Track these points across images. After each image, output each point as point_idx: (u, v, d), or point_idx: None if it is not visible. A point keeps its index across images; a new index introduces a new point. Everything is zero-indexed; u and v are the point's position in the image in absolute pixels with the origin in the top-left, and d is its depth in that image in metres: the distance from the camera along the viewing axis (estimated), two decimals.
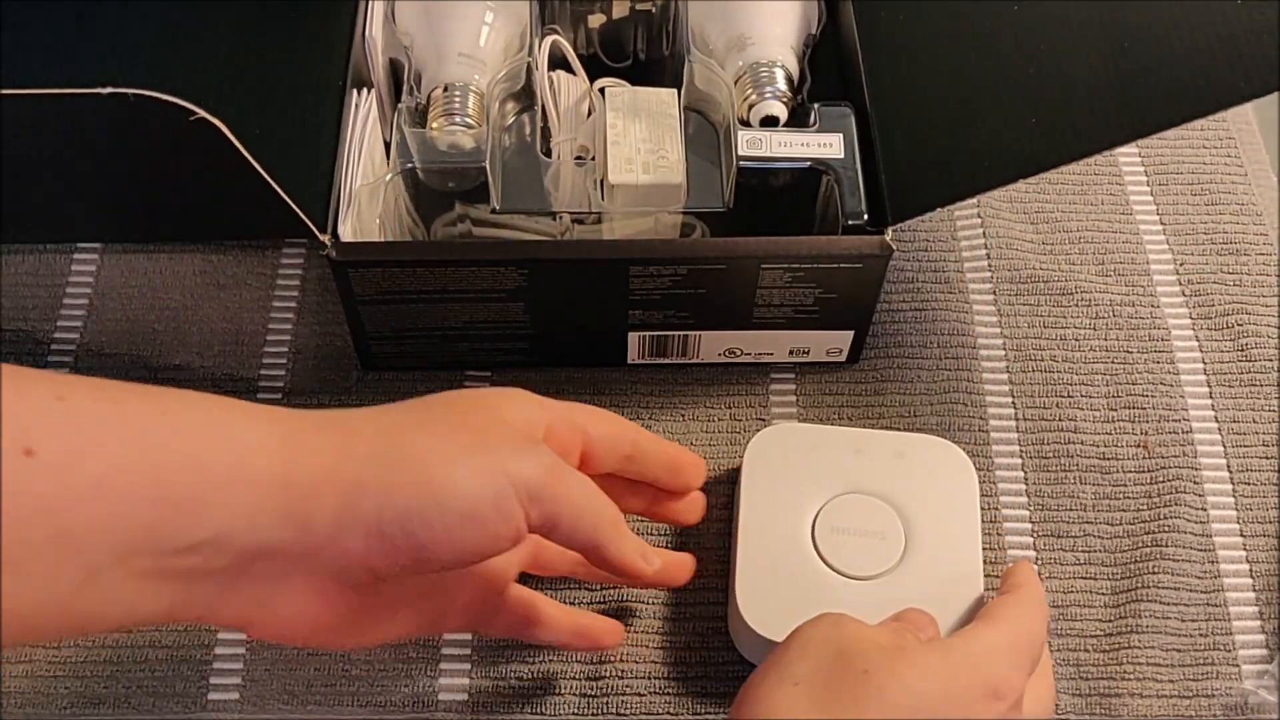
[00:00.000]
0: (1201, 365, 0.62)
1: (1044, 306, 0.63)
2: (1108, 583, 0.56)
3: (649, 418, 0.60)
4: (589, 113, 0.61)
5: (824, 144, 0.57)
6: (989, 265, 0.65)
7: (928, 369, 0.61)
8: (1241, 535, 0.57)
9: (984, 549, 0.54)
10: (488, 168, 0.57)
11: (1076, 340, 0.62)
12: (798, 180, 0.57)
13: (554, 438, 0.47)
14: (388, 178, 0.57)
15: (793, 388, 0.61)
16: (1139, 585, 0.55)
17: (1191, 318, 0.63)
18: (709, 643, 0.54)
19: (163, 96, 0.54)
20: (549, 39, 0.60)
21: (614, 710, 0.53)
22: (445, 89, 0.59)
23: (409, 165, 0.57)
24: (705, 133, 0.60)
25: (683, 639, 0.54)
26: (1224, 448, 0.59)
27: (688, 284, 0.56)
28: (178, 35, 0.59)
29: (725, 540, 0.57)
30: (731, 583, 0.53)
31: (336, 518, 0.40)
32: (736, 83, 0.60)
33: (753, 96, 0.59)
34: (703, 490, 0.54)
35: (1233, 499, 0.58)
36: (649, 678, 0.53)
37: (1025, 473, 0.59)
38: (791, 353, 0.60)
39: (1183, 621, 0.55)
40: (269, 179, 0.52)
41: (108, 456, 0.37)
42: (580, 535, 0.44)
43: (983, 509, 0.56)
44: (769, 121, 0.59)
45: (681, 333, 0.59)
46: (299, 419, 0.41)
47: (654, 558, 0.47)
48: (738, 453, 0.58)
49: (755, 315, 0.58)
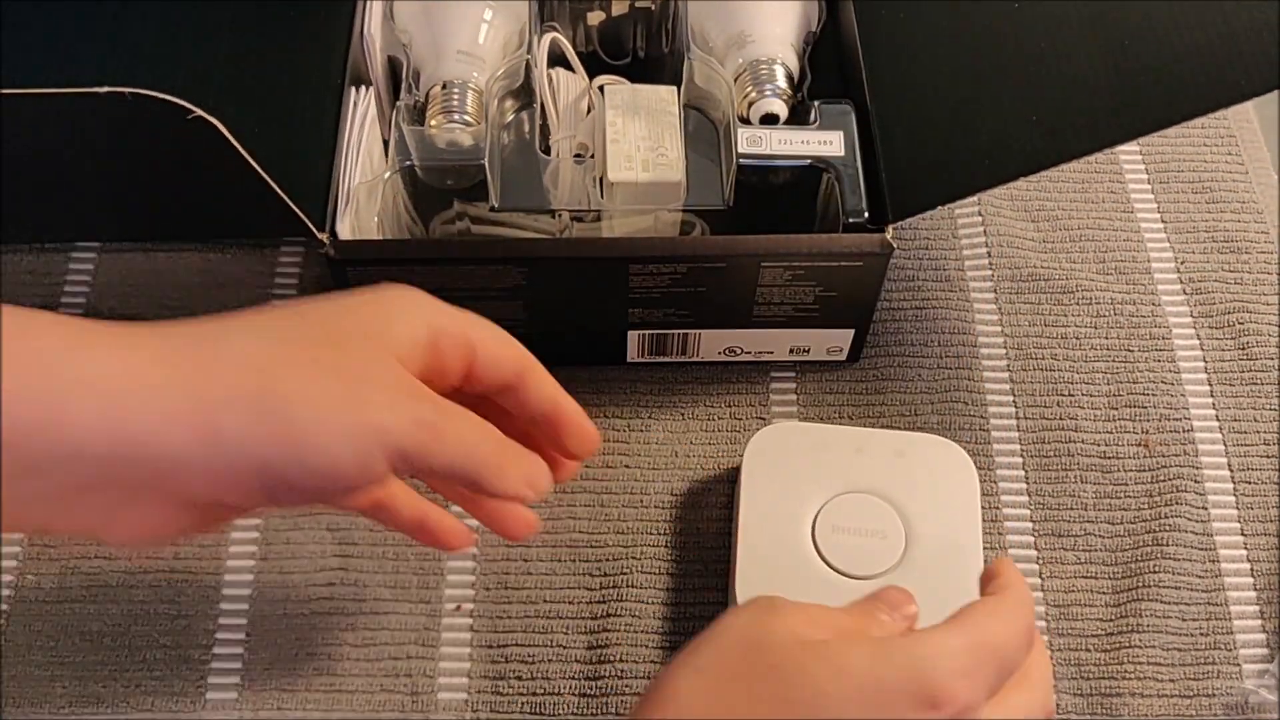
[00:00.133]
0: (1202, 364, 0.62)
1: (1045, 305, 0.63)
2: (1108, 582, 0.56)
3: (648, 416, 0.60)
4: (588, 110, 0.61)
5: (824, 142, 0.57)
6: (990, 263, 0.64)
7: (928, 368, 0.61)
8: (1242, 534, 0.57)
9: (984, 548, 0.54)
10: (486, 165, 0.56)
11: (1077, 339, 0.62)
12: (798, 178, 0.57)
13: (437, 354, 0.44)
14: (386, 176, 0.57)
15: (793, 386, 0.61)
16: (1140, 584, 0.55)
17: (1192, 316, 0.63)
18: None
19: (161, 96, 0.54)
20: (548, 36, 0.60)
21: (614, 710, 0.53)
22: (444, 86, 0.59)
23: (407, 163, 0.57)
24: (705, 130, 0.60)
25: (683, 639, 0.54)
26: (1225, 446, 0.59)
27: (687, 282, 0.55)
28: (177, 35, 0.59)
29: (725, 540, 0.57)
30: (731, 582, 0.53)
31: (186, 461, 0.38)
32: (736, 80, 0.60)
33: (753, 94, 0.59)
34: (702, 489, 0.53)
35: (1234, 498, 0.58)
36: (649, 678, 0.53)
37: (1026, 471, 0.59)
38: (792, 351, 0.60)
39: (1183, 621, 0.55)
40: (267, 178, 0.52)
41: None
42: (456, 481, 0.42)
43: (983, 508, 0.56)
44: (769, 119, 0.59)
45: (681, 331, 0.59)
46: (144, 346, 0.38)
47: (543, 480, 0.44)
48: (738, 452, 0.58)
49: (755, 314, 0.58)
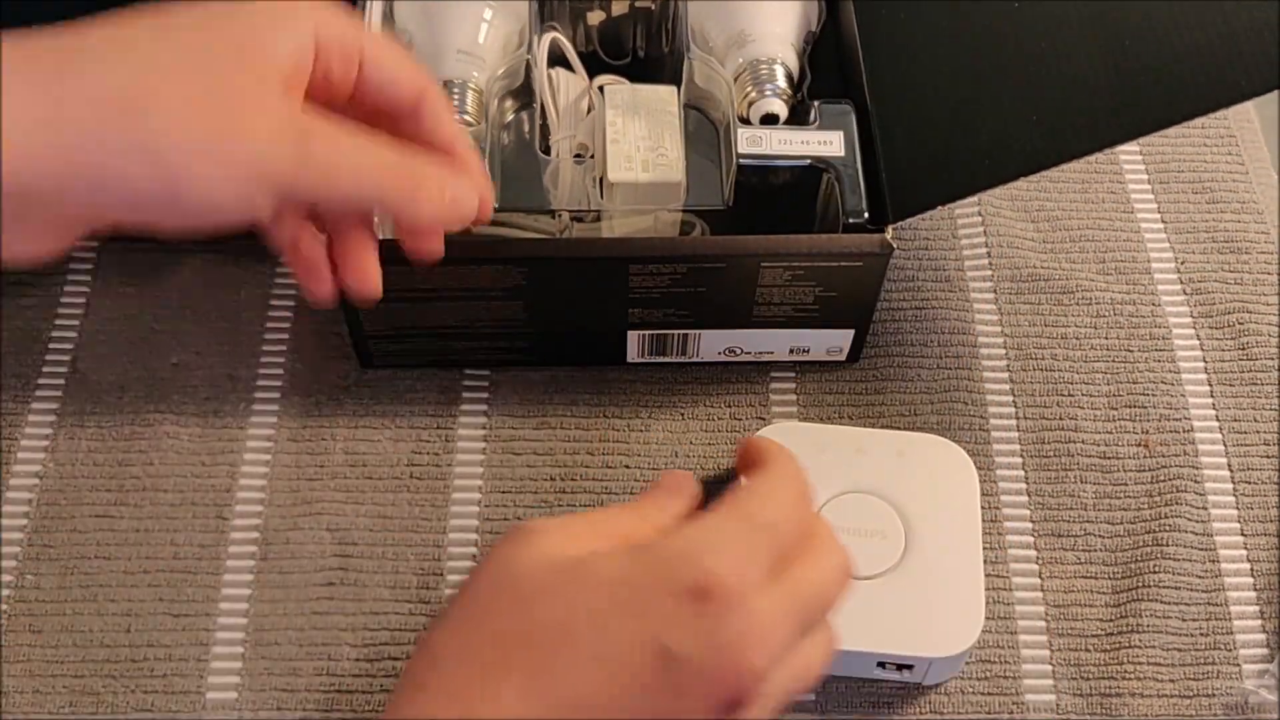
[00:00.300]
0: (1202, 364, 0.62)
1: (1045, 305, 0.63)
2: (1108, 582, 0.56)
3: (648, 417, 0.60)
4: (588, 110, 0.61)
5: (824, 142, 0.57)
6: (989, 264, 0.64)
7: (928, 368, 0.61)
8: (1242, 534, 0.57)
9: (984, 548, 0.54)
10: (486, 165, 0.56)
11: (1077, 339, 0.62)
12: (798, 178, 0.57)
13: (325, 67, 0.40)
14: None
15: (793, 387, 0.61)
16: (1140, 584, 0.55)
17: (1192, 316, 0.63)
18: None
19: None
20: (548, 36, 0.60)
21: None
22: (444, 86, 0.59)
23: None
24: (705, 130, 0.60)
25: None
26: (1225, 447, 0.59)
27: (687, 282, 0.55)
28: None
29: None
30: None
31: (61, 199, 0.36)
32: (736, 80, 0.60)
33: (753, 94, 0.59)
34: (701, 489, 0.53)
35: (1234, 498, 0.58)
36: None
37: (1026, 472, 0.59)
38: (792, 351, 0.60)
39: (1183, 621, 0.55)
40: None
41: None
42: (355, 212, 0.39)
43: (983, 508, 0.56)
44: (769, 119, 0.59)
45: (681, 331, 0.59)
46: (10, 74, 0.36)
47: (465, 194, 0.41)
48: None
49: (755, 314, 0.58)
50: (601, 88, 0.60)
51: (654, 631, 0.38)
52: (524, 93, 0.60)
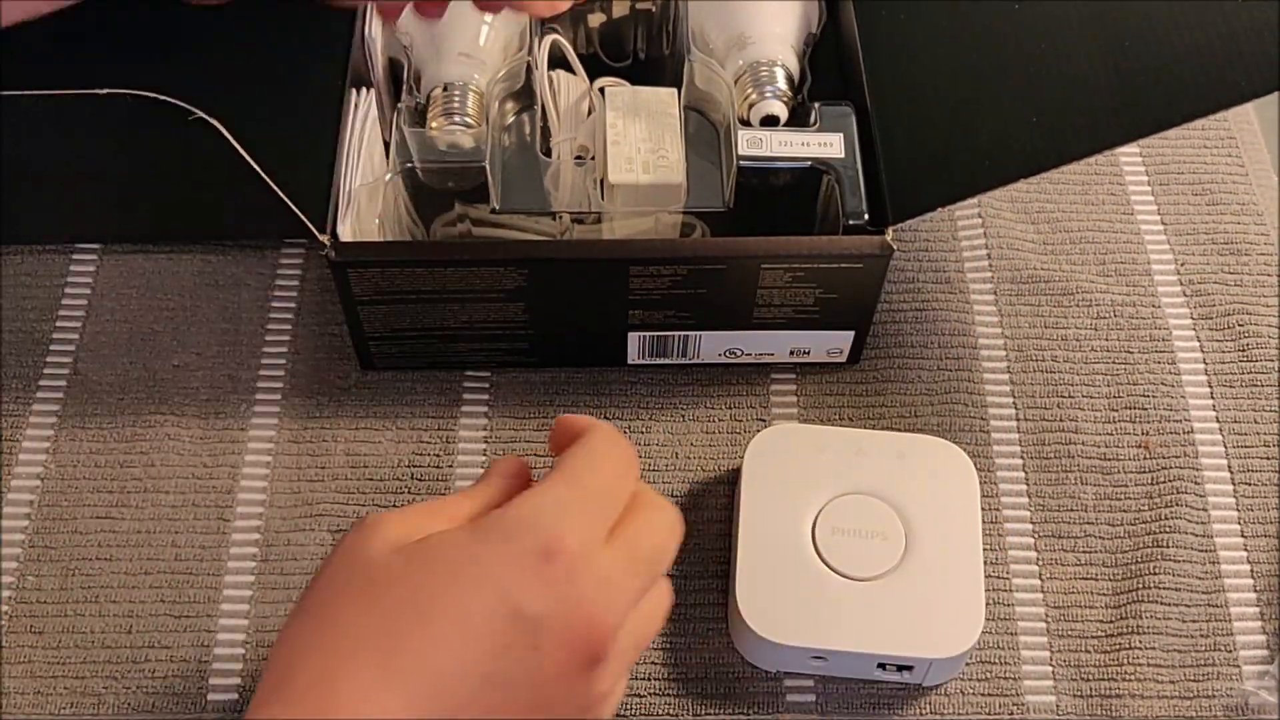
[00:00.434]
0: (1202, 365, 0.62)
1: (1045, 307, 0.63)
2: (1108, 583, 0.56)
3: (649, 418, 0.60)
4: (589, 112, 0.61)
5: (824, 143, 0.57)
6: (990, 265, 0.64)
7: (928, 369, 0.61)
8: (1242, 536, 0.57)
9: (984, 549, 0.54)
10: (487, 167, 0.57)
11: (1077, 340, 0.62)
12: (798, 180, 0.57)
13: None
14: (387, 177, 0.57)
15: (793, 388, 0.61)
16: (1140, 586, 0.55)
17: (1192, 318, 0.63)
18: (709, 643, 0.54)
19: (162, 97, 0.54)
20: (548, 38, 0.60)
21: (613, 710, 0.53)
22: (445, 88, 0.59)
23: (408, 165, 0.57)
24: (705, 132, 0.60)
25: (683, 639, 0.54)
26: (1225, 448, 0.59)
27: (688, 284, 0.55)
28: (177, 35, 0.59)
29: (725, 540, 0.57)
30: (731, 583, 0.53)
31: None
32: (737, 82, 0.60)
33: (753, 96, 0.59)
34: (702, 490, 0.54)
35: (1234, 499, 0.58)
36: (649, 678, 0.53)
37: (1026, 473, 0.59)
38: (792, 353, 0.60)
39: (1183, 622, 0.55)
40: (268, 179, 0.52)
41: None
42: None
43: (983, 509, 0.56)
44: (769, 121, 0.59)
45: (682, 333, 0.59)
46: None
47: None
48: (738, 453, 0.58)
49: (755, 315, 0.58)
50: (602, 90, 0.60)
51: (505, 596, 0.39)
52: (525, 95, 0.60)
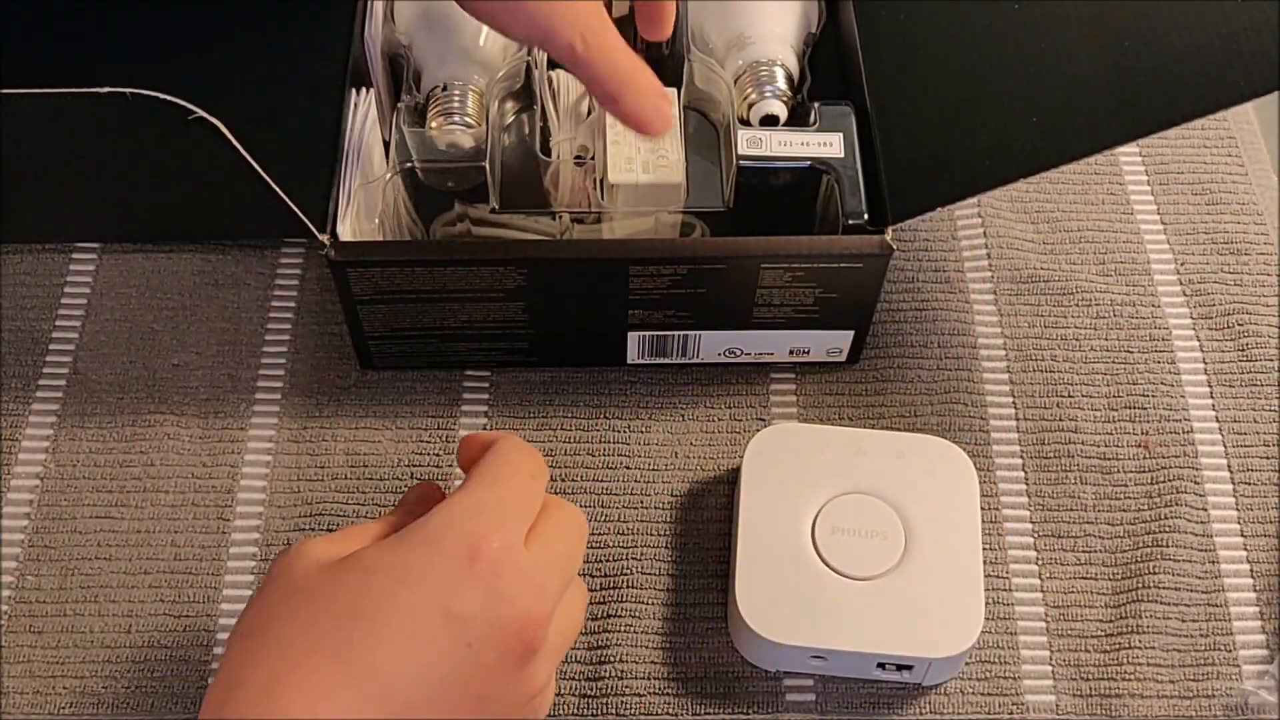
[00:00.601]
0: (1202, 365, 0.62)
1: (1044, 306, 0.63)
2: (1108, 583, 0.56)
3: (649, 418, 0.60)
4: (588, 112, 0.61)
5: (824, 143, 0.57)
6: (989, 265, 0.64)
7: (928, 369, 0.61)
8: (1242, 535, 0.57)
9: (984, 549, 0.54)
10: (487, 167, 0.57)
11: (1077, 340, 0.62)
12: (798, 180, 0.57)
13: None
14: (387, 177, 0.57)
15: (793, 388, 0.61)
16: (1139, 585, 0.55)
17: (1192, 318, 0.63)
18: (709, 643, 0.54)
19: (161, 96, 0.54)
20: None
21: (614, 710, 0.53)
22: (444, 88, 0.59)
23: (408, 165, 0.57)
24: (705, 132, 0.60)
25: (683, 639, 0.54)
26: (1225, 448, 0.59)
27: (688, 284, 0.55)
28: (177, 35, 0.59)
29: (725, 540, 0.57)
30: (731, 583, 0.53)
31: None
32: (736, 82, 0.60)
33: (752, 95, 0.59)
34: (702, 490, 0.54)
35: (1233, 499, 0.58)
36: (649, 678, 0.53)
37: (1026, 473, 0.59)
38: (791, 353, 0.60)
39: (1183, 622, 0.55)
40: (267, 179, 0.52)
41: None
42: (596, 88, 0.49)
43: (983, 509, 0.56)
44: (769, 121, 0.59)
45: (681, 332, 0.59)
46: None
47: (667, 113, 0.50)
48: (738, 453, 0.58)
49: (755, 315, 0.58)
50: None
51: (437, 598, 0.40)
52: (524, 95, 0.60)
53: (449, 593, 0.41)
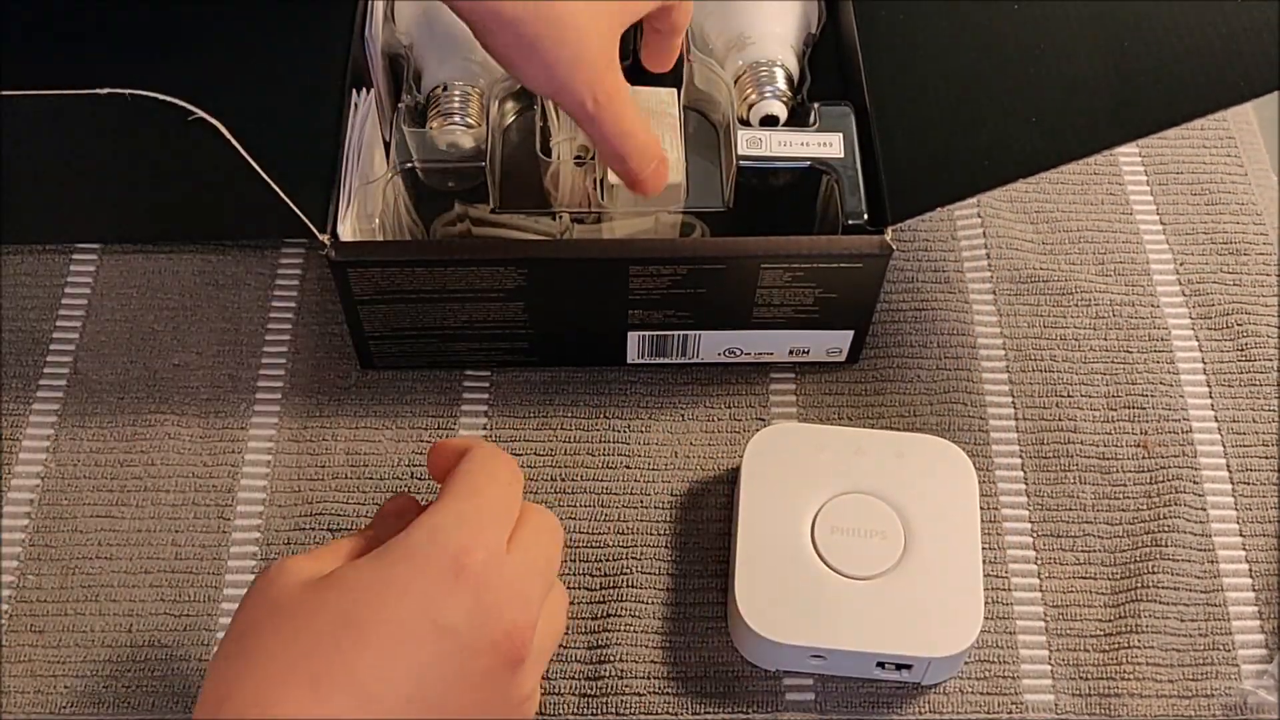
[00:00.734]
0: (1201, 365, 0.62)
1: (1044, 306, 0.63)
2: (1107, 582, 0.56)
3: (648, 417, 0.60)
4: None
5: (824, 143, 0.57)
6: (989, 265, 0.65)
7: (928, 369, 0.61)
8: (1241, 535, 0.57)
9: (984, 549, 0.54)
10: (487, 167, 0.57)
11: (1076, 340, 0.62)
12: (798, 180, 0.57)
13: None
14: (387, 177, 0.57)
15: (793, 387, 0.61)
16: (1138, 585, 0.55)
17: (1191, 318, 0.63)
18: (709, 643, 0.54)
19: (161, 96, 0.54)
20: None
21: (614, 710, 0.53)
22: (445, 88, 0.59)
23: (408, 165, 0.57)
24: (705, 132, 0.60)
25: (683, 639, 0.54)
26: (1224, 448, 0.59)
27: (687, 284, 0.56)
28: (177, 35, 0.59)
29: (725, 540, 0.57)
30: (731, 583, 0.53)
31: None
32: (736, 82, 0.60)
33: (752, 96, 0.59)
34: (702, 490, 0.53)
35: (1232, 499, 0.58)
36: (649, 678, 0.53)
37: (1025, 473, 0.59)
38: (791, 352, 0.60)
39: (1182, 621, 0.55)
40: (268, 179, 0.52)
41: None
42: (606, 151, 0.52)
43: (982, 509, 0.56)
44: (769, 121, 0.59)
45: (681, 332, 0.59)
46: None
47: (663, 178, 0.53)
48: (737, 453, 0.58)
49: (755, 315, 0.58)
50: None
51: (423, 612, 0.40)
52: (525, 95, 0.60)
53: (434, 606, 0.40)
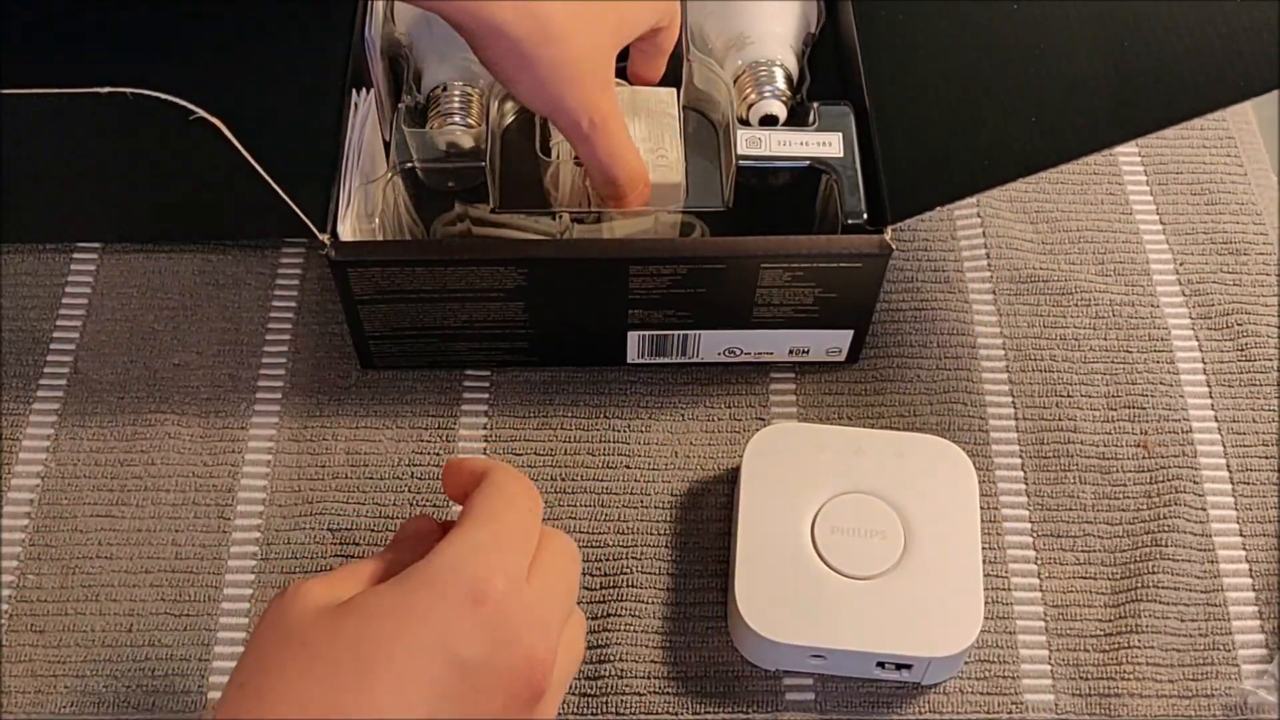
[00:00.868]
0: (1201, 365, 0.62)
1: (1044, 306, 0.63)
2: (1107, 582, 0.56)
3: (648, 417, 0.60)
4: None
5: (823, 143, 0.57)
6: (988, 265, 0.65)
7: (927, 369, 0.61)
8: (1241, 535, 0.57)
9: (984, 549, 0.54)
10: (487, 167, 0.57)
11: (1076, 340, 0.62)
12: (797, 180, 0.57)
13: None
14: (387, 177, 0.57)
15: (792, 387, 0.61)
16: (1138, 585, 0.55)
17: (1191, 317, 0.63)
18: (709, 643, 0.54)
19: (162, 96, 0.54)
20: None
21: (614, 710, 0.53)
22: (444, 88, 0.59)
23: (408, 165, 0.57)
24: (705, 132, 0.60)
25: (683, 639, 0.54)
26: (1223, 447, 0.59)
27: (687, 283, 0.56)
28: (177, 35, 0.59)
29: (725, 540, 0.57)
30: (731, 583, 0.53)
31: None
32: (736, 82, 0.60)
33: (752, 96, 0.59)
34: (702, 489, 0.53)
35: (1232, 499, 0.58)
36: (649, 678, 0.53)
37: (1025, 472, 0.59)
38: (791, 352, 0.60)
39: (1182, 621, 0.55)
40: (268, 178, 0.52)
41: None
42: (599, 173, 0.54)
43: (982, 509, 0.56)
44: (768, 121, 0.59)
45: (681, 332, 0.59)
46: None
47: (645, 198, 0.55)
48: (737, 452, 0.58)
49: (755, 315, 0.58)
50: None
51: (441, 644, 0.39)
52: None
53: (453, 637, 0.40)
